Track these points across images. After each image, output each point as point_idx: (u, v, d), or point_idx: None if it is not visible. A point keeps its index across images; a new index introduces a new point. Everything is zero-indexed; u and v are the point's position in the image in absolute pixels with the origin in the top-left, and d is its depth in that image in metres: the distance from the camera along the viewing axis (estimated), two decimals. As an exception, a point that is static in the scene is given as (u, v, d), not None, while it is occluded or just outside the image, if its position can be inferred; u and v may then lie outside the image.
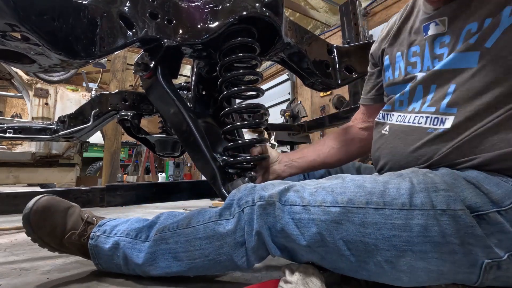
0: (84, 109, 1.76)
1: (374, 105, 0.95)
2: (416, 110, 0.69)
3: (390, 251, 0.54)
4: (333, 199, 0.60)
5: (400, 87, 0.77)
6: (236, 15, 0.87)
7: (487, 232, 0.51)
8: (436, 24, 0.69)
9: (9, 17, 0.58)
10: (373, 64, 0.95)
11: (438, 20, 0.69)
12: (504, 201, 0.53)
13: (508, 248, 0.51)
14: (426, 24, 0.71)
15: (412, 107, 0.70)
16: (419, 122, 0.67)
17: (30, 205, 0.79)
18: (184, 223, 0.74)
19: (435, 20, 0.69)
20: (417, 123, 0.67)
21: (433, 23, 0.70)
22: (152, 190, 1.34)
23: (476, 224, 0.51)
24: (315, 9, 5.84)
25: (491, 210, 0.52)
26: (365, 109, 0.99)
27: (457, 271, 0.53)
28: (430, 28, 0.70)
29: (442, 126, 0.62)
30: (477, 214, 0.52)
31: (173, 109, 0.94)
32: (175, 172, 8.43)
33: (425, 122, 0.66)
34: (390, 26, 0.86)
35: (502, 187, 0.54)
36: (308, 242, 0.60)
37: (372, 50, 0.93)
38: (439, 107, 0.64)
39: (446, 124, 0.62)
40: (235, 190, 0.73)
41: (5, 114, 5.33)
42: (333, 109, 5.01)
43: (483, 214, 0.52)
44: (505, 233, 0.51)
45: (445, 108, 0.63)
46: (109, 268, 0.83)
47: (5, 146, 3.34)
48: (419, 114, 0.67)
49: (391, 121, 0.76)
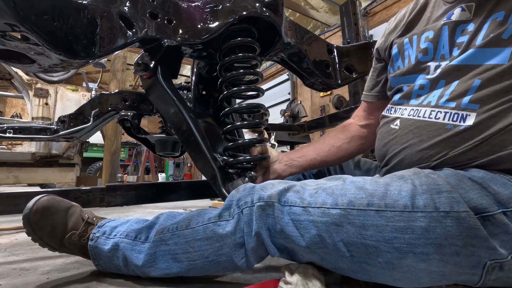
0: (84, 109, 1.76)
1: (377, 102, 0.94)
2: (432, 104, 0.65)
3: (391, 253, 0.54)
4: (334, 201, 0.59)
5: (409, 78, 0.74)
6: (236, 15, 0.87)
7: (492, 233, 0.51)
8: (462, 10, 0.65)
9: (9, 17, 0.58)
10: (378, 59, 0.93)
11: (465, 5, 0.65)
12: (510, 202, 0.52)
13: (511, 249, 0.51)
14: (451, 10, 0.67)
15: (428, 100, 0.67)
16: (436, 117, 0.63)
17: (30, 205, 0.79)
18: (184, 224, 0.74)
19: (461, 6, 0.65)
20: (434, 118, 0.64)
21: (459, 8, 0.65)
22: (152, 190, 1.34)
23: (480, 226, 0.51)
24: (315, 9, 5.84)
25: (497, 211, 0.52)
26: (367, 106, 0.98)
27: (459, 272, 0.53)
28: (455, 13, 0.66)
29: (463, 123, 0.60)
30: (482, 215, 0.52)
31: (173, 109, 0.94)
32: (175, 172, 8.44)
33: (444, 117, 0.62)
34: (399, 18, 0.84)
35: (509, 187, 0.54)
36: (308, 244, 0.59)
37: (378, 45, 0.91)
38: (460, 103, 0.61)
39: (467, 121, 0.59)
40: (234, 191, 0.72)
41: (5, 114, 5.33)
42: (333, 109, 5.02)
43: (488, 216, 0.51)
44: (509, 234, 0.51)
45: (467, 104, 0.60)
46: (108, 269, 0.83)
47: (5, 146, 3.34)
48: (436, 109, 0.64)
49: (402, 115, 0.72)
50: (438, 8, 0.72)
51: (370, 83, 0.96)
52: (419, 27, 0.76)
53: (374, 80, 0.95)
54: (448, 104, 0.63)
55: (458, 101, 0.62)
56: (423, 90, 0.69)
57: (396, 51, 0.80)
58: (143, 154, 7.67)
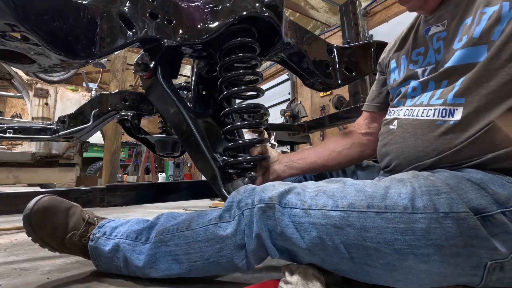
0: (84, 109, 1.76)
1: (378, 113, 0.96)
2: (424, 103, 0.69)
3: (392, 255, 0.54)
4: (334, 203, 0.59)
5: (403, 84, 0.79)
6: (236, 15, 0.87)
7: (492, 233, 0.51)
8: (437, 26, 0.73)
9: (9, 17, 0.57)
10: (381, 72, 0.98)
11: (440, 24, 0.72)
12: (509, 202, 0.53)
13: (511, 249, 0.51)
14: (428, 28, 0.75)
15: (421, 100, 0.70)
16: (427, 115, 0.67)
17: (31, 205, 0.79)
18: (184, 225, 0.74)
19: (436, 24, 0.73)
20: (426, 116, 0.67)
21: (434, 26, 0.73)
22: (152, 190, 1.34)
23: (480, 226, 0.51)
24: (315, 9, 5.84)
25: (496, 211, 0.52)
26: (368, 115, 1.00)
27: (460, 273, 0.53)
28: (431, 30, 0.74)
29: (452, 117, 0.62)
30: (482, 215, 0.52)
31: (173, 109, 0.94)
32: (175, 172, 8.43)
33: (433, 114, 0.65)
34: (397, 36, 0.90)
35: (507, 188, 0.55)
36: (308, 246, 0.60)
37: (380, 59, 0.96)
38: (446, 98, 0.64)
39: (455, 116, 0.62)
40: (234, 192, 0.72)
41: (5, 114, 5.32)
42: (333, 109, 5.01)
43: (488, 216, 0.52)
44: (509, 234, 0.51)
45: (453, 99, 0.63)
46: (109, 270, 0.83)
47: (5, 146, 3.34)
48: (428, 107, 0.67)
49: (398, 115, 0.76)
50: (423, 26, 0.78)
51: (373, 93, 0.99)
52: (409, 43, 0.82)
53: (376, 91, 0.98)
54: (437, 101, 0.66)
55: (445, 98, 0.65)
56: (416, 92, 0.74)
57: (394, 65, 0.85)
58: (143, 154, 7.67)
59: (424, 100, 0.69)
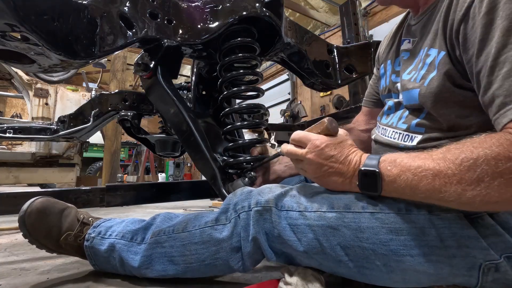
0: (84, 109, 1.76)
1: (376, 109, 0.95)
2: (394, 125, 0.71)
3: (388, 256, 0.54)
4: (330, 204, 0.60)
5: (386, 96, 0.80)
6: (236, 15, 0.87)
7: (483, 235, 0.52)
8: (408, 42, 0.73)
9: (9, 17, 0.58)
10: (377, 68, 0.95)
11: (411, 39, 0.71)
12: None
13: (503, 251, 0.51)
14: (404, 39, 0.75)
15: (392, 121, 0.72)
16: (394, 137, 0.69)
17: (24, 208, 0.79)
18: (180, 227, 0.74)
19: (408, 39, 0.72)
20: (393, 138, 0.70)
21: (407, 41, 0.73)
22: (152, 190, 1.34)
23: (471, 227, 0.52)
24: (315, 9, 5.84)
25: (483, 213, 0.52)
26: (367, 111, 0.99)
27: (456, 274, 0.54)
28: (404, 44, 0.74)
29: (411, 143, 0.64)
30: (471, 217, 0.53)
31: (173, 109, 0.94)
32: (175, 172, 8.43)
33: (398, 137, 0.68)
34: (389, 33, 0.88)
35: None
36: (306, 248, 0.60)
37: (377, 55, 0.95)
38: (410, 125, 0.66)
39: (414, 142, 0.64)
40: (231, 195, 0.72)
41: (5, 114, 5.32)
42: (333, 109, 5.01)
43: (477, 217, 0.52)
44: (498, 236, 0.51)
45: (415, 127, 0.65)
46: (105, 269, 0.83)
47: (5, 146, 3.34)
48: (395, 130, 0.70)
49: (377, 133, 0.77)
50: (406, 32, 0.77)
51: (370, 89, 0.98)
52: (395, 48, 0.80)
53: (374, 85, 0.96)
54: (403, 126, 0.68)
55: (409, 123, 0.66)
56: (390, 111, 0.75)
57: (383, 71, 0.84)
58: (143, 154, 7.67)
59: (394, 122, 0.71)
